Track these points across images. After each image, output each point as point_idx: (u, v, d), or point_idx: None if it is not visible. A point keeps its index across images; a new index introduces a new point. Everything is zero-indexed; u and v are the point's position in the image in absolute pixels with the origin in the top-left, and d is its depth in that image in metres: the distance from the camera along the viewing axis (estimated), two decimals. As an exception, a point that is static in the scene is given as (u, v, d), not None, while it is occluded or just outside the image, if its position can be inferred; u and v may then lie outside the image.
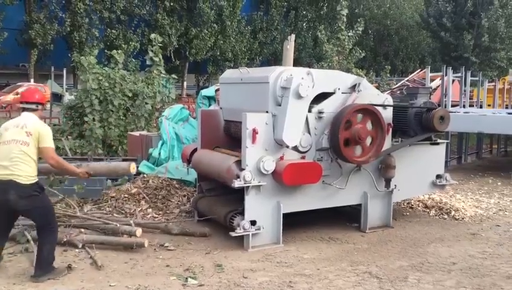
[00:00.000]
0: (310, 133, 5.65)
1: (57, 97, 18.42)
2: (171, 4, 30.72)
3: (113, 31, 29.24)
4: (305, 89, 5.39)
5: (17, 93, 25.39)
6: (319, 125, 5.69)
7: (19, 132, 4.48)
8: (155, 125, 11.01)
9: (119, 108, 10.75)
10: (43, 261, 4.47)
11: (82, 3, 27.45)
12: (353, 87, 5.85)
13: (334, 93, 5.76)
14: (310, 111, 5.60)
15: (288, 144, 5.44)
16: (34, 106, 4.67)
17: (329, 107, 5.72)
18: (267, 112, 5.46)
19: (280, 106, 5.44)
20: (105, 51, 22.93)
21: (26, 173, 4.39)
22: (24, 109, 4.68)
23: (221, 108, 6.54)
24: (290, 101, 5.36)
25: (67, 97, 14.96)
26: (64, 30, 27.83)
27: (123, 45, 27.40)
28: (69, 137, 10.80)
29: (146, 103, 10.90)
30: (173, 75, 12.82)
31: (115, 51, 12.08)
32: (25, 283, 4.41)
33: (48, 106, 18.93)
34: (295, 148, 5.56)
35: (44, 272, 4.46)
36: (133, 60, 13.87)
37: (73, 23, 27.78)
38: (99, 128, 10.26)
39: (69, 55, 22.68)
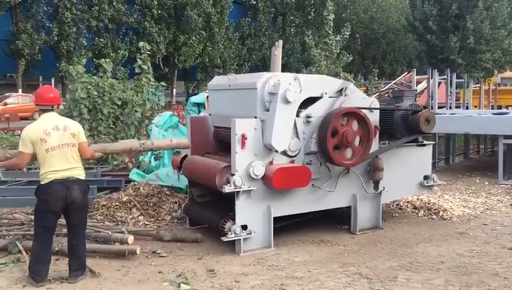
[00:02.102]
0: (298, 138, 5.72)
1: (46, 107, 18.31)
2: (159, 12, 30.73)
3: (101, 39, 29.15)
4: (293, 94, 5.47)
5: (5, 104, 25.34)
6: (307, 130, 5.76)
7: (64, 134, 4.60)
8: (145, 133, 11.04)
9: (108, 117, 10.79)
10: (81, 261, 4.70)
11: (69, 13, 27.35)
12: (340, 91, 5.94)
13: (321, 97, 5.85)
14: (298, 116, 5.68)
15: (277, 148, 5.51)
16: (50, 107, 4.67)
17: (317, 111, 5.80)
18: (255, 117, 5.54)
19: (268, 111, 5.52)
20: (94, 59, 22.92)
21: (82, 171, 4.71)
22: (43, 110, 4.67)
23: (210, 114, 6.60)
24: (278, 106, 5.43)
25: (56, 107, 14.89)
26: (51, 40, 27.69)
27: (111, 54, 27.32)
28: (59, 146, 10.78)
29: (136, 111, 10.94)
30: (162, 83, 12.86)
31: (103, 59, 12.11)
32: (18, 293, 4.43)
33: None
34: (284, 153, 5.63)
35: (82, 272, 4.69)
36: (122, 69, 13.88)
37: (61, 32, 27.66)
38: (88, 137, 10.25)
39: (57, 64, 22.62)
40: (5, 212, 6.55)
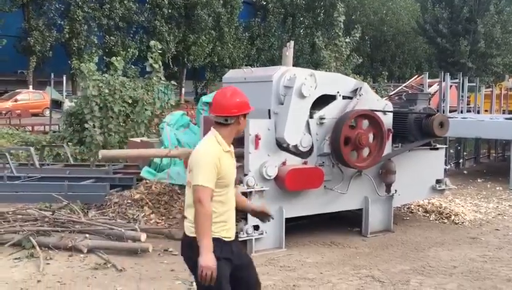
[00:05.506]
0: (310, 134, 5.70)
1: (56, 104, 18.47)
2: (169, 11, 30.81)
3: (111, 38, 29.27)
4: (308, 89, 5.49)
5: (15, 100, 25.51)
6: (320, 131, 5.76)
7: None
8: (155, 131, 11.08)
9: (119, 114, 10.84)
10: None
11: (81, 11, 27.49)
12: (354, 91, 5.94)
13: (335, 96, 5.84)
14: (311, 117, 5.69)
15: (289, 142, 5.50)
16: (221, 120, 3.12)
17: (330, 112, 5.80)
18: (269, 110, 5.54)
19: (282, 104, 5.53)
20: (104, 57, 23.04)
21: (191, 223, 3.00)
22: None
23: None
24: (292, 100, 5.45)
25: (67, 104, 15.03)
26: (63, 37, 27.85)
27: (121, 52, 27.44)
28: (70, 144, 10.86)
29: (146, 110, 10.98)
30: (173, 82, 12.91)
31: (114, 58, 12.18)
32: (32, 288, 4.45)
33: (48, 112, 19.03)
34: (296, 148, 5.61)
35: None
36: (133, 67, 13.96)
37: (72, 30, 27.80)
38: (99, 135, 10.35)
39: (69, 62, 22.74)
40: (18, 208, 6.60)
